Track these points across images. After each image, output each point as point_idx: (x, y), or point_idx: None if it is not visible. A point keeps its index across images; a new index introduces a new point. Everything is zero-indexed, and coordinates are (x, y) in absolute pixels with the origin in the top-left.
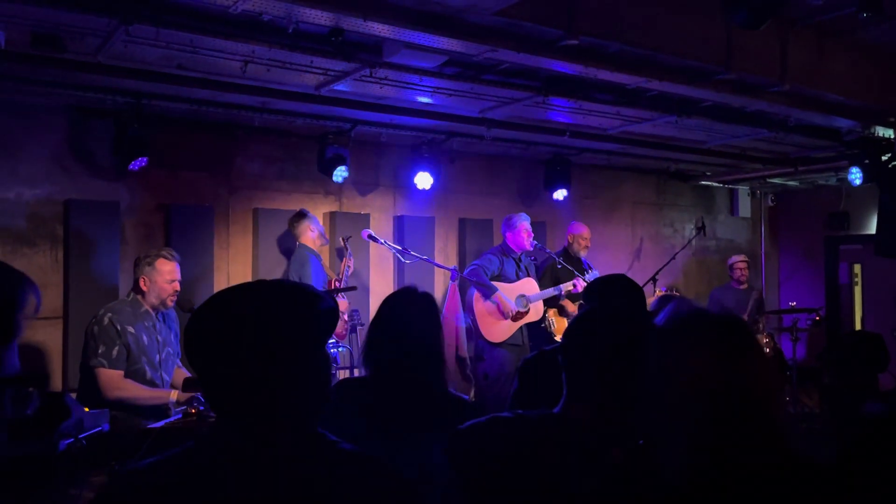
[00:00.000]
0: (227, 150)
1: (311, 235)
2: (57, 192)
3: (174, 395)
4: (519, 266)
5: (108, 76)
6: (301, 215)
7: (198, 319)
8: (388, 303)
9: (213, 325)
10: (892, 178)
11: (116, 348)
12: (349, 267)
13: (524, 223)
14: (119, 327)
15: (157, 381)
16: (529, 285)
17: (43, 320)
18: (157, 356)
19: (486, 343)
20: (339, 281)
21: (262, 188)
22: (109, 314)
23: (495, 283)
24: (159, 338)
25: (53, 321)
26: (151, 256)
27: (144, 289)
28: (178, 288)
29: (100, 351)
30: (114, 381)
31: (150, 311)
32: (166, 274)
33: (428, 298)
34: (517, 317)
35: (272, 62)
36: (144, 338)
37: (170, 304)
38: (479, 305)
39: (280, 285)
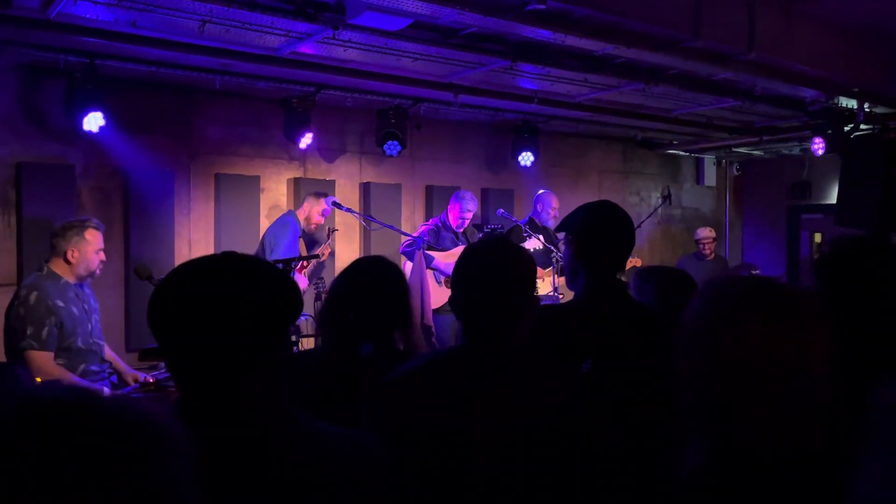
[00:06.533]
0: (188, 113)
1: (309, 213)
2: (8, 154)
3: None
4: (457, 237)
5: (60, 34)
6: (319, 197)
7: (164, 294)
8: (355, 267)
9: (180, 301)
10: (854, 149)
11: (46, 328)
12: (323, 254)
13: (462, 205)
14: (49, 303)
15: (93, 349)
16: None
17: None
18: (89, 325)
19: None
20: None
21: (224, 153)
22: (35, 292)
23: (430, 253)
24: (86, 307)
25: (6, 289)
26: (79, 227)
27: (72, 260)
28: (104, 258)
29: (28, 332)
30: (46, 366)
31: (70, 282)
32: (95, 244)
33: (395, 266)
34: (448, 282)
35: (231, 22)
36: (74, 310)
37: (97, 274)
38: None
39: (250, 261)
